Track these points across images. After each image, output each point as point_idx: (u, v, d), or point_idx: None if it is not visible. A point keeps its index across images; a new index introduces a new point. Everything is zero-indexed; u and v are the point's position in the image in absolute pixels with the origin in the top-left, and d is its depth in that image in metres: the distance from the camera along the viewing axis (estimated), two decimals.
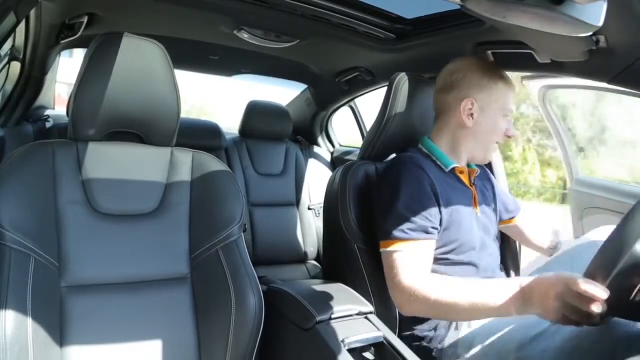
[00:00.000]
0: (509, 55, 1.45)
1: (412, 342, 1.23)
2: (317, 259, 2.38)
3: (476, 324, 1.16)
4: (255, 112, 2.32)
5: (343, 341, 1.07)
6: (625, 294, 0.82)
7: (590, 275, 0.84)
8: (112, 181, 1.03)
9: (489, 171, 1.56)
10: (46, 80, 1.91)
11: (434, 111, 1.37)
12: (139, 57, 1.02)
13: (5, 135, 1.69)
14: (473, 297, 1.01)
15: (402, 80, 1.39)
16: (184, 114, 1.18)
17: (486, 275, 1.23)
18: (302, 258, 2.33)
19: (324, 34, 1.66)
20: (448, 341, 1.19)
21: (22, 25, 1.44)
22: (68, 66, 2.22)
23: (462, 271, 1.20)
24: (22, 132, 1.91)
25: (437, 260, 1.19)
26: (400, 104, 1.37)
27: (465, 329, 1.18)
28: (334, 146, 2.84)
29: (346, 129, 2.92)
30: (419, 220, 1.14)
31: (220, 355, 1.00)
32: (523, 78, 1.78)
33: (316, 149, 2.69)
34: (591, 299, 0.81)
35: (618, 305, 0.83)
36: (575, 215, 2.02)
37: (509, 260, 1.68)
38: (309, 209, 2.37)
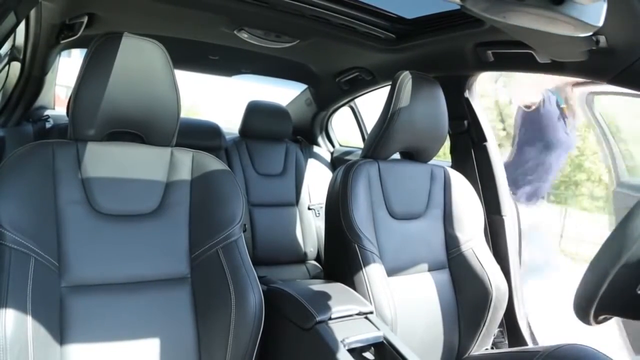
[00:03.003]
0: (509, 55, 1.45)
1: None
2: (317, 259, 2.38)
3: None
4: (255, 112, 2.32)
5: (343, 341, 1.07)
6: (630, 288, 0.82)
7: (595, 265, 0.84)
8: (112, 181, 1.03)
9: None
10: (46, 80, 1.91)
11: None
12: (139, 57, 1.02)
13: (5, 135, 1.69)
14: None
15: (406, 79, 1.39)
16: None
17: None
18: (302, 258, 2.33)
19: (324, 34, 1.66)
20: None
21: (22, 25, 1.44)
22: (66, 67, 2.21)
23: None
24: (22, 132, 1.91)
25: None
26: (404, 102, 1.37)
27: None
28: (333, 146, 2.84)
29: (345, 130, 2.92)
30: None
31: (220, 355, 1.00)
32: (574, 85, 1.89)
33: (316, 149, 2.69)
34: None
35: (622, 300, 0.83)
36: (619, 215, 2.03)
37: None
38: (309, 208, 2.37)
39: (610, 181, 2.18)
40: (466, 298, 1.46)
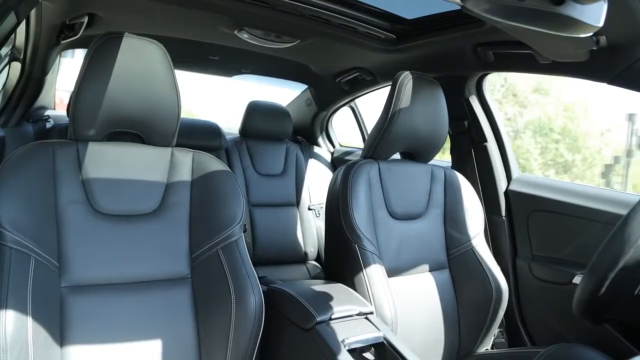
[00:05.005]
0: (509, 56, 1.45)
1: None
2: (317, 259, 2.38)
3: None
4: (256, 112, 2.32)
5: (343, 341, 1.07)
6: (629, 289, 0.83)
7: (594, 269, 0.84)
8: (112, 181, 1.04)
9: None
10: (46, 80, 1.91)
11: None
12: (139, 57, 1.02)
13: (6, 135, 1.69)
14: None
15: (406, 79, 1.39)
16: None
17: None
18: (302, 258, 2.33)
19: (324, 34, 1.66)
20: None
21: (23, 25, 1.44)
22: (70, 69, 2.21)
23: None
24: (23, 132, 1.91)
25: None
26: (404, 102, 1.37)
27: None
28: (334, 146, 2.84)
29: (344, 130, 2.92)
30: None
31: (220, 355, 1.00)
32: None
33: (316, 149, 2.69)
34: None
35: (621, 302, 0.83)
36: None
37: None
38: (309, 209, 2.37)
39: None
40: (466, 298, 1.46)
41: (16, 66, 1.69)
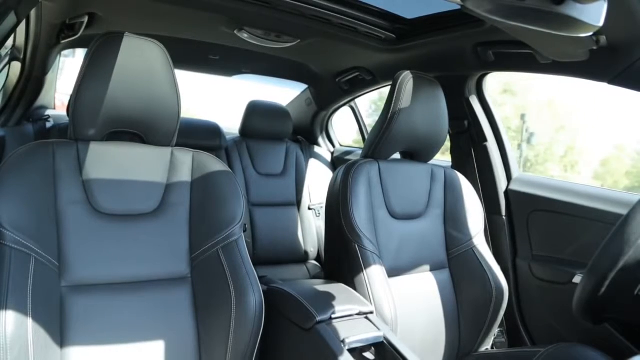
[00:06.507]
0: (510, 55, 1.45)
1: None
2: (317, 259, 2.38)
3: None
4: (256, 112, 2.32)
5: (343, 341, 1.07)
6: (629, 289, 0.83)
7: (594, 269, 0.84)
8: (113, 181, 1.04)
9: None
10: (46, 80, 1.91)
11: None
12: (139, 57, 1.02)
13: (6, 135, 1.70)
14: None
15: (406, 79, 1.39)
16: None
17: None
18: (302, 258, 2.33)
19: (324, 34, 1.66)
20: None
21: (23, 25, 1.44)
22: (71, 69, 2.21)
23: None
24: (23, 132, 1.91)
25: None
26: (404, 102, 1.37)
27: None
28: (334, 146, 2.84)
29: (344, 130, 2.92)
30: None
31: (220, 355, 1.00)
32: None
33: (316, 149, 2.69)
34: None
35: (621, 302, 0.83)
36: None
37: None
38: (309, 208, 2.37)
39: None
40: (466, 298, 1.46)
41: (16, 66, 1.69)
